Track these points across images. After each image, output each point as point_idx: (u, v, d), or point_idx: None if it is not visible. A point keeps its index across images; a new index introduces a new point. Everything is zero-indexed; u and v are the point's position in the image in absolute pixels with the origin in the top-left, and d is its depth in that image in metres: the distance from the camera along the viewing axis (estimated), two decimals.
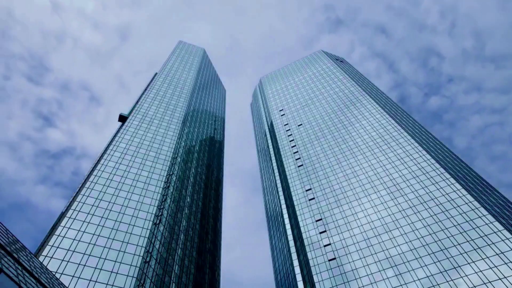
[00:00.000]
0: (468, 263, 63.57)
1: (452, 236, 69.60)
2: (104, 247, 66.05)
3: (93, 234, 67.69)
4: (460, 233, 69.37)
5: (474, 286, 59.74)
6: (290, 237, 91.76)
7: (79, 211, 71.43)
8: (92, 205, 74.11)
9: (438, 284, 62.88)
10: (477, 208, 72.26)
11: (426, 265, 67.04)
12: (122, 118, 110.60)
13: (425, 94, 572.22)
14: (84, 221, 69.56)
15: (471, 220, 70.65)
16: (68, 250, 62.49)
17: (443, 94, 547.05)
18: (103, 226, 70.30)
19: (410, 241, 73.04)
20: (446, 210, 75.19)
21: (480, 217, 70.36)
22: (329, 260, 77.65)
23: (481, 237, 66.78)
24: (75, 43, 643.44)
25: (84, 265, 61.00)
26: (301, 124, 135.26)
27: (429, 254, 68.63)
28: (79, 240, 65.17)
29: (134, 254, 66.92)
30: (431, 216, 75.69)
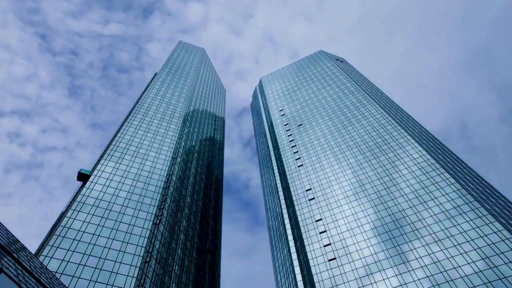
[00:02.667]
0: (468, 263, 63.58)
1: (452, 236, 69.61)
2: (104, 247, 66.06)
3: (93, 234, 67.71)
4: (460, 233, 69.38)
5: (474, 286, 59.76)
6: (290, 237, 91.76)
7: (79, 211, 71.45)
8: (92, 205, 74.12)
9: (438, 284, 62.89)
10: (477, 208, 72.26)
11: (426, 265, 67.05)
12: (82, 177, 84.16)
13: None
14: (84, 221, 69.57)
15: (471, 220, 70.65)
16: (68, 250, 62.50)
17: None
18: (103, 226, 70.32)
19: (410, 241, 73.04)
20: (446, 210, 75.19)
21: (480, 217, 70.36)
22: (329, 260, 77.65)
23: (481, 237, 66.79)
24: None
25: (84, 265, 61.01)
26: (301, 124, 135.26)
27: (428, 254, 68.64)
28: (79, 240, 65.18)
29: (134, 254, 66.93)
30: (431, 216, 75.68)
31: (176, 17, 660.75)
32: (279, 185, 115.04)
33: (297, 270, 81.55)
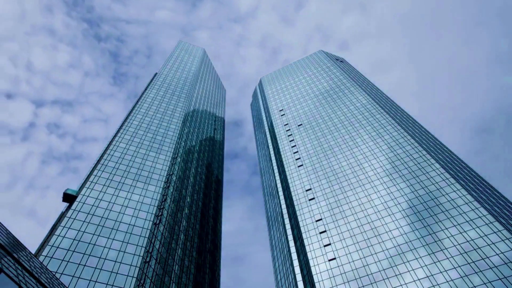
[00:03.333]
0: (468, 263, 63.58)
1: (452, 236, 69.62)
2: (104, 247, 66.07)
3: (93, 234, 67.71)
4: (460, 233, 69.39)
5: (474, 286, 59.76)
6: (290, 237, 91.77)
7: (79, 211, 71.45)
8: (92, 205, 74.12)
9: (438, 284, 62.89)
10: (477, 208, 72.27)
11: (426, 265, 67.04)
12: (68, 198, 75.94)
13: None
14: (84, 221, 69.56)
15: (471, 220, 70.66)
16: (68, 250, 62.50)
17: None
18: (103, 226, 70.32)
19: (410, 241, 73.04)
20: (446, 210, 75.19)
21: (480, 217, 70.36)
22: (329, 260, 77.65)
23: (481, 237, 66.79)
24: None
25: (84, 265, 61.01)
26: (301, 124, 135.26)
27: (429, 254, 68.64)
28: (79, 240, 65.18)
29: (134, 254, 66.93)
30: (431, 216, 75.70)
31: (227, 5, 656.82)
32: (279, 185, 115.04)
33: (297, 270, 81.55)
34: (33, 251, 66.03)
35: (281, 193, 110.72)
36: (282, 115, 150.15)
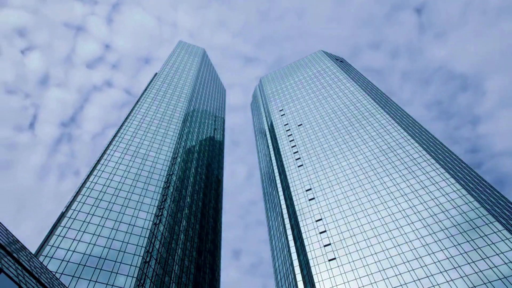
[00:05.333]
0: (468, 263, 63.58)
1: (452, 236, 69.62)
2: (104, 247, 66.07)
3: (93, 234, 67.71)
4: (460, 233, 69.38)
5: (474, 286, 59.76)
6: (290, 237, 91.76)
7: (79, 211, 71.45)
8: (92, 205, 74.13)
9: (438, 284, 62.89)
10: (477, 208, 72.27)
11: (426, 265, 67.05)
12: None
13: None
14: (84, 221, 69.57)
15: (471, 220, 70.66)
16: (68, 250, 62.51)
17: None
18: (103, 226, 70.33)
19: (410, 241, 73.04)
20: (446, 210, 75.19)
21: (480, 217, 70.37)
22: (329, 260, 77.65)
23: (481, 237, 66.79)
24: None
25: (84, 265, 61.01)
26: (301, 124, 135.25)
27: (429, 254, 68.65)
28: (79, 240, 65.19)
29: (134, 254, 66.94)
30: (431, 216, 75.70)
31: None
32: (279, 185, 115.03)
33: (297, 270, 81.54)
34: (33, 251, 66.04)
35: (281, 193, 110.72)
36: (282, 115, 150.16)
